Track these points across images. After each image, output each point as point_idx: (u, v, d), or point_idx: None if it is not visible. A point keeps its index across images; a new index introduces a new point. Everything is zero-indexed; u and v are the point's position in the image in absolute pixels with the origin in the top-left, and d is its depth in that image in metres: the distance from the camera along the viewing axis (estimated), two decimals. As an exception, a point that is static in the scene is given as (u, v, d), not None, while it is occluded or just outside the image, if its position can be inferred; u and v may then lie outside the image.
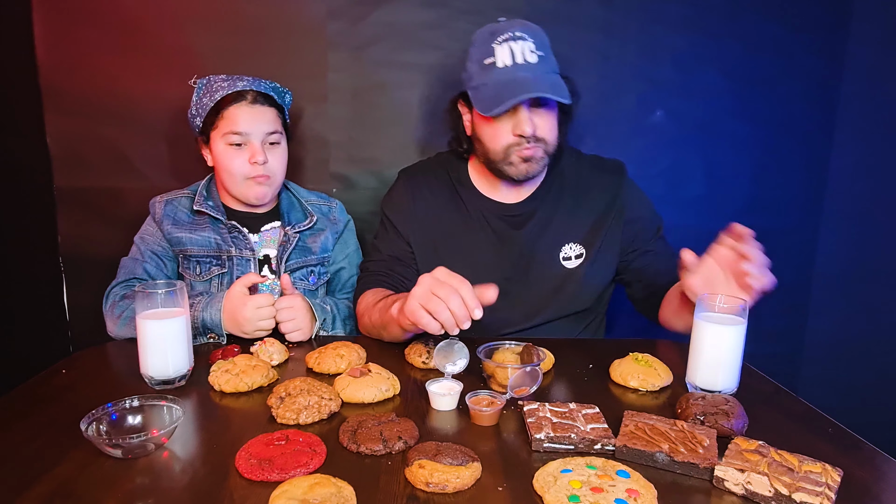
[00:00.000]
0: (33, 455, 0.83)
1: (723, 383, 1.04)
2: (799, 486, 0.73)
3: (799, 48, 1.84)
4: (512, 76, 1.26)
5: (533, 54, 1.26)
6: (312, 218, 1.52)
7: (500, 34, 1.28)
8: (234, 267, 1.44)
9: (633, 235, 1.42)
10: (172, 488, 0.76)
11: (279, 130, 1.43)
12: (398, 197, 1.47)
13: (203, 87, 1.42)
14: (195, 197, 1.47)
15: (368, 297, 1.33)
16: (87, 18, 1.65)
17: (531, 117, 1.28)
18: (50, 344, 1.84)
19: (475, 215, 1.43)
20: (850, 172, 1.93)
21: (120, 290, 1.38)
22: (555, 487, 0.74)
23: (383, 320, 1.22)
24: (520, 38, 1.26)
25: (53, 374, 1.11)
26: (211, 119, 1.40)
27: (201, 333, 1.28)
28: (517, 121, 1.28)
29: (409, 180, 1.49)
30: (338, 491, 0.71)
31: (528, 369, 1.00)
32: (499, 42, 1.27)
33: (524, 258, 1.41)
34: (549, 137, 1.32)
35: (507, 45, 1.26)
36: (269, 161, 1.41)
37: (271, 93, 1.42)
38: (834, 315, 2.02)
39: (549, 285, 1.40)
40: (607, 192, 1.42)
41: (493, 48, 1.27)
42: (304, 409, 0.93)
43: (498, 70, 1.27)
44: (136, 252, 1.45)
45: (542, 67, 1.27)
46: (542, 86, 1.24)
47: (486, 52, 1.29)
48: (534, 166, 1.32)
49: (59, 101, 1.69)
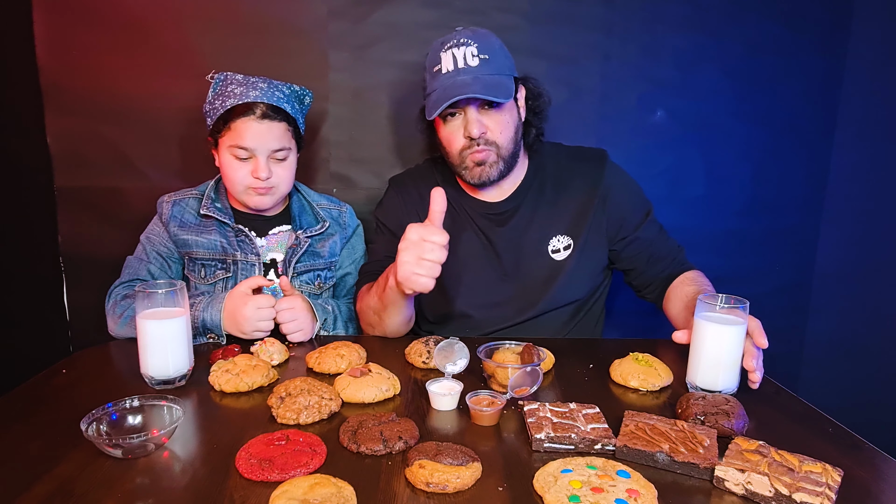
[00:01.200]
0: (33, 455, 0.83)
1: (723, 383, 1.04)
2: (799, 486, 0.73)
3: (799, 48, 1.84)
4: (452, 80, 1.29)
5: (475, 58, 1.28)
6: (325, 224, 1.52)
7: (448, 42, 1.31)
8: (239, 271, 1.43)
9: (619, 222, 1.43)
10: (172, 488, 0.76)
11: (286, 146, 1.40)
12: (389, 203, 1.51)
13: (219, 86, 1.40)
14: (203, 198, 1.46)
15: (364, 291, 1.37)
16: (87, 18, 1.65)
17: (480, 119, 1.30)
18: (50, 344, 1.84)
19: (462, 215, 1.45)
20: (850, 172, 1.93)
21: (122, 290, 1.38)
22: (555, 487, 0.74)
23: (383, 301, 1.26)
24: (463, 43, 1.29)
25: (53, 374, 1.11)
26: (219, 126, 1.38)
27: (201, 333, 1.28)
28: (465, 123, 1.31)
29: (398, 188, 1.52)
30: (338, 491, 0.71)
31: (528, 369, 1.00)
32: (445, 49, 1.31)
33: (513, 254, 1.42)
34: (500, 139, 1.33)
35: (450, 51, 1.30)
36: (273, 175, 1.39)
37: (285, 104, 1.39)
38: (834, 315, 2.02)
39: (540, 278, 1.41)
40: (588, 181, 1.43)
41: (440, 56, 1.31)
42: (305, 409, 0.93)
43: (442, 76, 1.30)
44: (141, 252, 1.45)
45: (483, 70, 1.28)
46: (476, 87, 1.26)
47: (434, 60, 1.32)
48: (487, 170, 1.34)
49: (60, 100, 1.69)
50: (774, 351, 2.01)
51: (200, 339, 1.29)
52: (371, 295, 1.31)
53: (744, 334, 1.04)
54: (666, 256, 1.43)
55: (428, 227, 1.11)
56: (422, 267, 1.10)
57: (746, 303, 1.04)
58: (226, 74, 1.41)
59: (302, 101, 1.47)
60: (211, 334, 1.28)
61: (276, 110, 1.37)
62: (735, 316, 1.04)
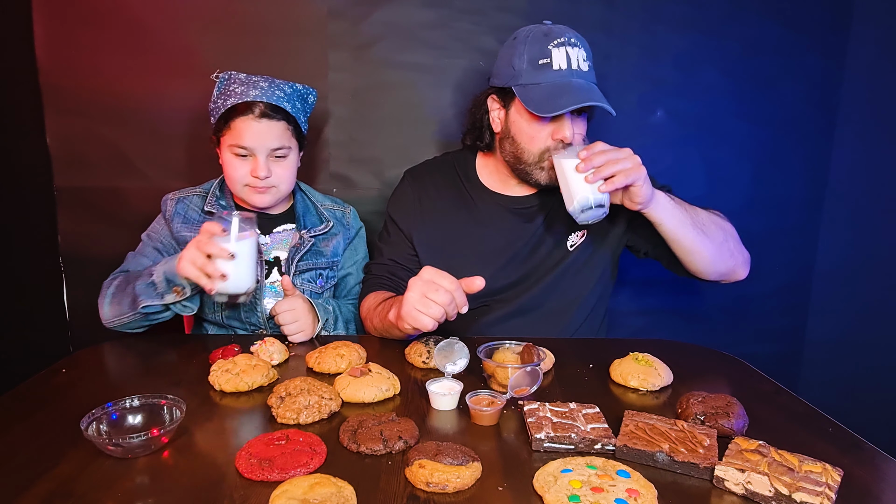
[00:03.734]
0: (33, 455, 0.83)
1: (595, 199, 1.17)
2: (799, 485, 0.73)
3: (799, 48, 1.84)
4: (567, 80, 1.27)
5: (585, 63, 1.29)
6: (329, 223, 1.52)
7: (556, 37, 1.28)
8: None
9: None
10: (172, 488, 0.76)
11: (286, 145, 1.40)
12: (403, 197, 1.49)
13: (222, 86, 1.40)
14: (207, 196, 1.46)
15: (370, 300, 1.37)
16: (87, 18, 1.65)
17: (572, 125, 1.30)
18: (50, 344, 1.84)
19: (484, 210, 1.44)
20: (850, 172, 1.93)
21: (110, 280, 1.37)
22: (555, 487, 0.74)
23: (384, 325, 1.26)
24: (575, 44, 1.29)
25: (53, 374, 1.11)
26: (220, 125, 1.39)
27: (167, 290, 1.25)
28: (559, 126, 1.29)
29: (414, 180, 1.50)
30: (338, 491, 0.71)
31: (528, 369, 1.00)
32: (555, 45, 1.28)
33: (533, 249, 1.41)
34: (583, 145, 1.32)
35: (563, 49, 1.27)
36: (272, 174, 1.39)
37: (285, 103, 1.38)
38: (834, 315, 2.02)
39: (555, 270, 1.41)
40: None
41: (550, 50, 1.28)
42: (305, 409, 0.93)
43: (553, 72, 1.27)
44: (140, 247, 1.45)
45: (591, 77, 1.30)
46: (596, 96, 1.26)
47: (541, 53, 1.28)
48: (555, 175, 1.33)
49: (60, 101, 1.69)
50: (774, 351, 2.03)
51: (168, 296, 1.25)
52: (375, 315, 1.30)
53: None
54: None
55: (441, 272, 1.09)
56: (426, 306, 1.07)
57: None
58: (230, 74, 1.41)
59: (305, 99, 1.47)
60: (175, 287, 1.25)
61: (275, 109, 1.37)
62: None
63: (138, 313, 1.26)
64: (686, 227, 1.29)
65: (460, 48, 1.75)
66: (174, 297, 1.26)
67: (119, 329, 1.31)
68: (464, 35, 1.74)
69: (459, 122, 1.75)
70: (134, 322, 1.29)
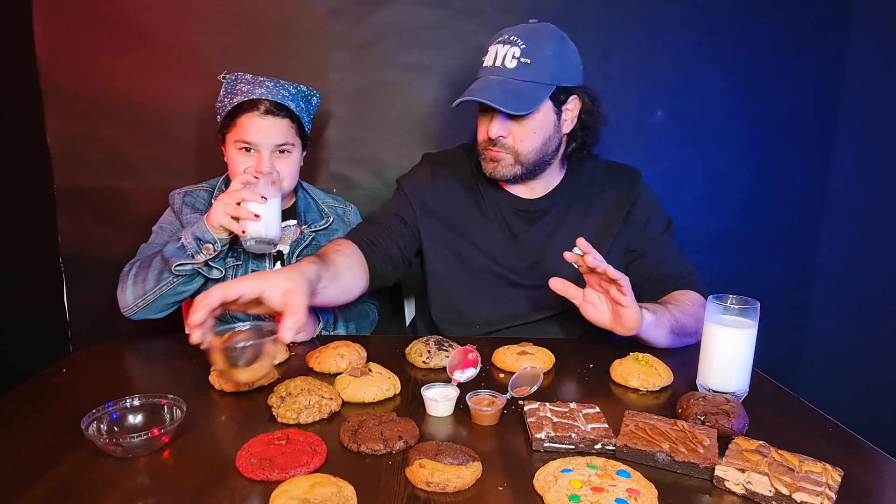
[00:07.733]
0: (33, 455, 0.83)
1: (736, 385, 1.04)
2: (799, 485, 0.73)
3: (800, 48, 1.84)
4: (485, 77, 1.29)
5: (514, 60, 1.26)
6: (329, 219, 1.53)
7: (501, 36, 1.30)
8: (249, 259, 1.44)
9: (633, 235, 1.42)
10: (172, 488, 0.76)
11: (290, 141, 1.41)
12: (418, 173, 1.49)
13: (229, 86, 1.42)
14: (213, 192, 1.48)
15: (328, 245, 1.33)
16: (87, 18, 1.66)
17: (504, 123, 1.29)
18: (50, 344, 1.84)
19: (491, 207, 1.44)
20: (850, 172, 1.93)
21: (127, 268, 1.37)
22: (555, 487, 0.74)
23: None
24: (511, 42, 1.27)
25: (53, 374, 1.11)
26: (226, 122, 1.40)
27: (197, 250, 1.28)
28: (490, 121, 1.31)
29: (432, 163, 1.50)
30: (338, 490, 0.71)
31: (529, 369, 1.00)
32: (494, 42, 1.30)
33: (534, 254, 1.41)
34: (520, 147, 1.31)
35: (496, 46, 1.29)
36: (276, 170, 1.40)
37: (289, 102, 1.41)
38: (834, 315, 2.02)
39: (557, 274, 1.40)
40: (619, 196, 1.42)
41: (488, 48, 1.31)
42: (305, 409, 0.93)
43: (481, 69, 1.31)
44: (152, 238, 1.44)
45: (517, 74, 1.26)
46: (495, 93, 1.25)
47: (485, 51, 1.32)
48: (500, 169, 1.33)
49: (60, 101, 1.69)
50: (774, 351, 2.03)
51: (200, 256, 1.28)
52: None
53: (755, 336, 1.03)
54: (668, 278, 1.38)
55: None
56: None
57: (757, 304, 1.03)
58: (236, 75, 1.43)
59: (309, 100, 1.49)
60: (205, 244, 1.28)
61: (279, 107, 1.39)
62: (746, 319, 1.03)
63: (165, 284, 1.27)
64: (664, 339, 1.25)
65: (461, 48, 1.75)
66: (204, 255, 1.28)
67: (141, 315, 1.31)
68: (464, 35, 1.74)
69: (460, 122, 1.76)
70: (159, 300, 1.29)
